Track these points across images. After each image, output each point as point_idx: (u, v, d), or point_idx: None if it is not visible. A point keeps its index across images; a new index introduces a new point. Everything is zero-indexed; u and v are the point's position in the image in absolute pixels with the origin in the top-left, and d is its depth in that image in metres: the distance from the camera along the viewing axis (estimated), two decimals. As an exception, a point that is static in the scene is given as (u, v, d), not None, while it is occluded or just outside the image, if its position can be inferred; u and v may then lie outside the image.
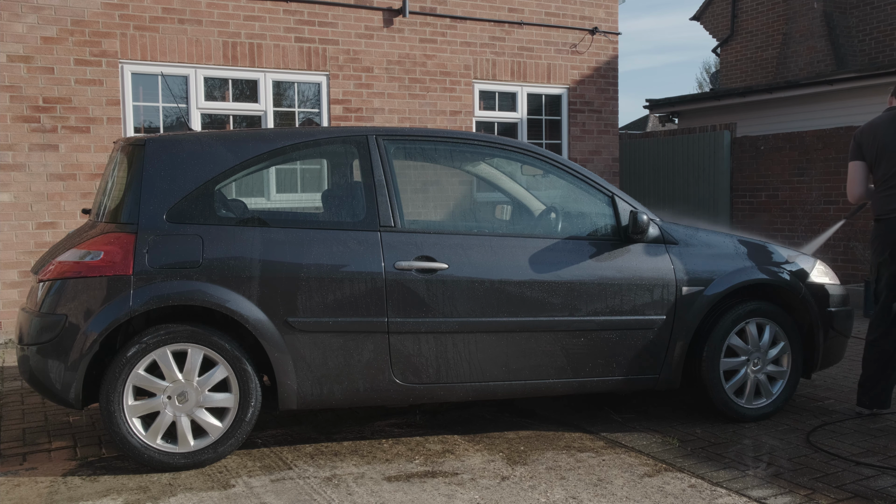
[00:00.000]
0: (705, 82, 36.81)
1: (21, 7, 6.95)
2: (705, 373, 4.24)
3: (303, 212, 4.00)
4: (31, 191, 7.02)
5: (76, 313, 3.53)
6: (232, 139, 4.01)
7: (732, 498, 3.33)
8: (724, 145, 10.74)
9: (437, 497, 3.36)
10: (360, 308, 3.77)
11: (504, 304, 3.94)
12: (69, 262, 3.59)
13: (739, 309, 4.29)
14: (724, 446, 3.99)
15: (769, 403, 4.42)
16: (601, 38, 10.03)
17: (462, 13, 9.09)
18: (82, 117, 7.20)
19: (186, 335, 3.60)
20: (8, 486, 3.53)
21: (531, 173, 4.56)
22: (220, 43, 7.78)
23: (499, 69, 9.37)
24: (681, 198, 11.31)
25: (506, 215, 4.70)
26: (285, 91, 8.29)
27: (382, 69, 8.64)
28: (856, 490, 3.40)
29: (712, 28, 16.86)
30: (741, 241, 4.49)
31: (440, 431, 4.29)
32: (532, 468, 3.70)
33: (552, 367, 4.06)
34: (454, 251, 3.91)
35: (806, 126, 11.06)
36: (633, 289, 4.10)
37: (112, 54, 7.32)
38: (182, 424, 3.63)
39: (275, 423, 4.45)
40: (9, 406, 4.90)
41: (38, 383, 3.63)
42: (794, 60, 14.27)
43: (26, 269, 6.95)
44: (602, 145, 10.11)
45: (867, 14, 13.81)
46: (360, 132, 4.06)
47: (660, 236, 4.23)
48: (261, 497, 3.37)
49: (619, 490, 3.43)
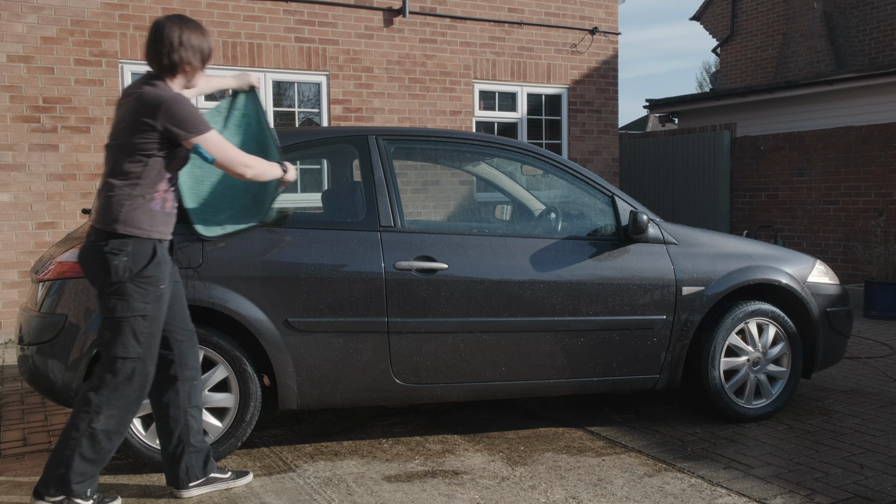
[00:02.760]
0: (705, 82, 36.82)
1: (21, 7, 6.95)
2: (705, 373, 4.24)
3: (303, 212, 4.01)
4: (31, 191, 7.02)
5: (76, 313, 3.53)
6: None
7: (732, 498, 3.33)
8: (724, 145, 10.74)
9: (437, 497, 3.36)
10: (360, 308, 3.77)
11: (504, 304, 3.94)
12: (69, 262, 3.59)
13: (739, 309, 4.29)
14: (724, 446, 3.99)
15: (769, 403, 4.42)
16: (601, 38, 10.03)
17: (462, 13, 9.09)
18: (82, 117, 7.21)
19: (186, 335, 3.60)
20: (8, 486, 3.53)
21: (531, 173, 4.57)
22: (220, 43, 7.78)
23: (499, 69, 9.37)
24: (681, 198, 11.31)
25: (506, 215, 4.70)
26: (285, 91, 8.29)
27: (382, 69, 8.64)
28: (856, 490, 3.40)
29: (712, 28, 16.87)
30: (741, 241, 4.49)
31: (440, 431, 4.29)
32: (532, 468, 3.70)
33: (552, 367, 4.06)
34: (454, 251, 3.91)
35: (806, 126, 11.07)
36: (633, 289, 4.10)
37: (112, 54, 7.32)
38: (182, 424, 3.62)
39: (275, 423, 4.45)
40: (9, 406, 4.90)
41: (38, 383, 3.63)
42: (794, 60, 14.27)
43: (26, 269, 6.95)
44: (602, 145, 10.11)
45: (867, 14, 13.81)
46: (359, 132, 4.06)
47: (660, 236, 4.23)
48: (261, 497, 3.37)
49: (619, 490, 3.43)
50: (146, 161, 3.06)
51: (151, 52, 3.10)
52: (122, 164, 3.06)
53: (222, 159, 3.16)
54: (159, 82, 3.12)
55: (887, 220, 8.82)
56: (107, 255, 3.03)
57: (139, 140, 3.02)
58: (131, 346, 3.07)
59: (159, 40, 3.08)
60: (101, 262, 3.05)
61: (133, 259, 3.05)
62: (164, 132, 3.03)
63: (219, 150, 3.14)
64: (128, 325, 3.06)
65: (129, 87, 3.17)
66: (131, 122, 3.03)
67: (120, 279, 3.03)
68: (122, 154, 3.06)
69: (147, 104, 3.01)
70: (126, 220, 3.04)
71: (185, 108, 3.03)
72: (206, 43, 3.18)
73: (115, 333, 3.06)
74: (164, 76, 3.14)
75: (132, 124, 3.03)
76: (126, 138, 3.04)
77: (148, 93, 3.04)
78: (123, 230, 3.04)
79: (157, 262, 3.10)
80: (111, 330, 3.08)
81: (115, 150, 3.08)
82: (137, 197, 3.06)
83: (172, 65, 3.11)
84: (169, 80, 3.15)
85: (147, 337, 3.11)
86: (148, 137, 3.02)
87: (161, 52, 3.08)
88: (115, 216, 3.04)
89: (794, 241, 9.89)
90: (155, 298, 3.11)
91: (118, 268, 3.03)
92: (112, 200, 3.05)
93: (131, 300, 3.05)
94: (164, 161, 3.10)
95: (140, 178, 3.07)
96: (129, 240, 3.05)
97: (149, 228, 3.09)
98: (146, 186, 3.08)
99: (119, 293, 3.05)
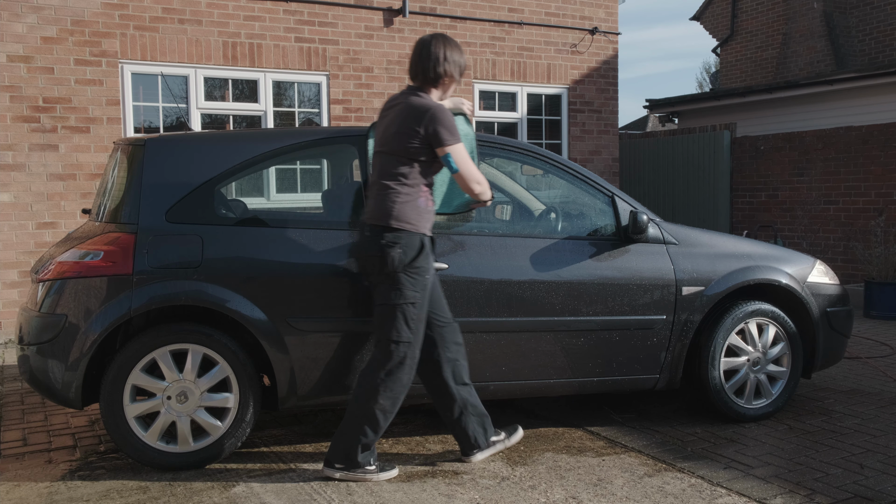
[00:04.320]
0: (705, 82, 36.83)
1: (21, 7, 6.95)
2: (705, 373, 4.24)
3: (303, 212, 4.01)
4: (31, 191, 7.02)
5: (76, 313, 3.53)
6: (231, 139, 4.00)
7: (732, 498, 3.33)
8: (724, 145, 10.74)
9: (437, 497, 3.36)
10: (359, 308, 3.76)
11: (504, 304, 3.94)
12: (69, 262, 3.59)
13: (739, 309, 4.29)
14: (725, 446, 3.99)
15: (769, 403, 4.42)
16: (601, 38, 10.03)
17: (462, 13, 9.09)
18: (82, 117, 7.20)
19: (186, 335, 3.60)
20: (8, 486, 3.53)
21: (531, 173, 4.56)
22: (220, 43, 7.78)
23: (499, 69, 9.37)
24: (681, 198, 11.31)
25: (506, 215, 4.69)
26: (285, 91, 8.29)
27: (382, 69, 8.64)
28: (856, 490, 3.40)
29: (712, 28, 16.86)
30: (741, 241, 4.49)
31: (440, 431, 4.29)
32: (532, 468, 3.70)
33: (552, 367, 4.06)
34: (454, 251, 3.91)
35: (806, 126, 11.06)
36: (633, 289, 4.10)
37: (112, 54, 7.32)
38: (182, 424, 3.62)
39: (275, 423, 4.45)
40: (9, 406, 4.90)
41: (38, 383, 3.63)
42: (793, 60, 14.27)
43: (26, 269, 6.95)
44: (602, 145, 10.11)
45: (867, 14, 13.81)
46: (360, 132, 4.06)
47: (660, 236, 4.23)
48: (261, 497, 3.37)
49: (619, 490, 3.43)
50: (413, 164, 3.46)
51: (418, 66, 3.53)
52: (393, 167, 3.47)
53: (464, 171, 3.48)
54: (422, 93, 3.53)
55: (887, 220, 8.82)
56: (384, 248, 3.40)
57: (408, 144, 3.43)
58: (403, 331, 3.44)
59: (426, 55, 3.52)
60: (379, 254, 3.41)
61: (405, 251, 3.40)
62: (426, 137, 3.41)
63: (464, 162, 3.48)
64: (400, 312, 3.43)
65: (393, 98, 3.59)
66: (399, 127, 3.44)
67: (395, 269, 3.40)
68: (393, 158, 3.47)
69: (415, 111, 3.43)
70: (399, 216, 3.42)
71: (448, 118, 3.44)
72: (463, 59, 3.61)
73: (390, 320, 3.44)
74: (427, 88, 3.56)
75: (401, 129, 3.44)
76: (396, 143, 3.45)
77: (416, 101, 3.47)
78: (397, 225, 3.42)
79: (425, 255, 3.47)
80: (386, 316, 3.45)
81: (386, 155, 3.49)
82: (407, 195, 3.45)
83: (437, 77, 3.53)
84: (430, 92, 3.56)
85: (416, 323, 3.48)
86: (415, 142, 3.42)
87: (427, 66, 3.51)
88: (389, 212, 3.42)
89: (794, 241, 9.89)
90: (422, 287, 3.48)
91: (394, 259, 3.39)
92: (386, 199, 3.44)
93: (404, 289, 3.42)
94: (427, 164, 3.50)
95: (408, 179, 3.47)
96: (402, 233, 3.42)
97: (417, 224, 3.46)
98: (414, 186, 3.48)
99: (393, 282, 3.42)
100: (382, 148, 3.52)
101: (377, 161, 3.55)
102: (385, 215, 3.42)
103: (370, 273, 3.49)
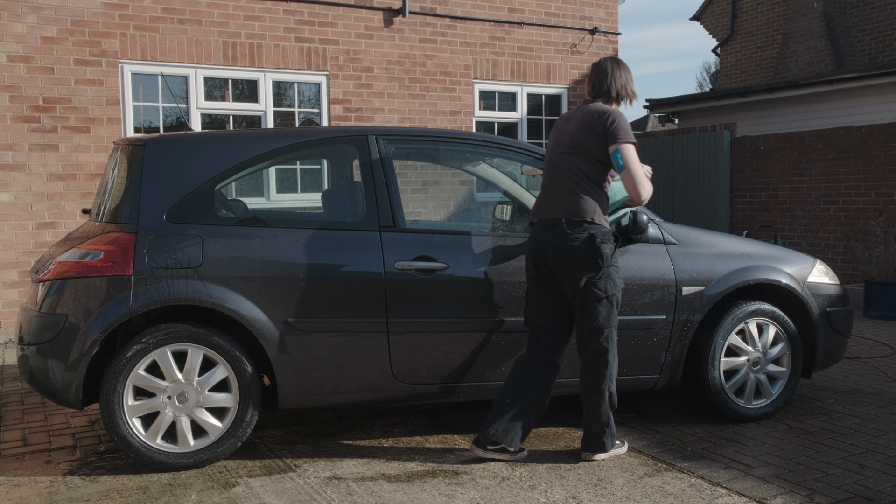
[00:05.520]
0: (705, 82, 36.83)
1: (21, 7, 6.95)
2: (705, 373, 4.24)
3: (303, 212, 4.02)
4: (31, 191, 7.02)
5: (76, 313, 3.53)
6: (232, 139, 4.01)
7: (732, 498, 3.33)
8: (724, 145, 10.74)
9: (437, 497, 3.36)
10: (359, 308, 3.77)
11: (504, 304, 3.94)
12: (69, 262, 3.59)
13: (739, 309, 4.29)
14: (725, 446, 3.99)
15: (769, 403, 4.41)
16: (601, 38, 10.03)
17: (462, 13, 9.09)
18: (82, 117, 7.21)
19: (186, 335, 3.60)
20: (8, 486, 3.53)
21: (531, 173, 4.56)
22: (220, 43, 7.78)
23: (499, 69, 9.37)
24: (681, 198, 11.31)
25: (506, 215, 4.69)
26: (285, 91, 8.29)
27: (382, 69, 8.64)
28: (856, 490, 3.40)
29: (712, 28, 16.87)
30: (741, 241, 4.49)
31: (440, 431, 4.29)
32: (532, 468, 3.70)
33: (552, 367, 4.05)
34: (454, 251, 3.91)
35: (806, 126, 11.06)
36: (633, 289, 4.10)
37: (112, 54, 7.32)
38: (182, 424, 3.62)
39: (275, 423, 4.45)
40: (9, 406, 4.90)
41: (38, 383, 3.63)
42: (793, 60, 14.27)
43: (26, 269, 6.95)
44: (602, 145, 10.10)
45: (867, 14, 13.81)
46: (359, 132, 4.06)
47: (660, 236, 4.23)
48: (261, 497, 3.37)
49: (619, 490, 3.43)
50: (598, 164, 3.67)
51: (597, 84, 3.81)
52: (583, 167, 3.67)
53: (631, 170, 3.60)
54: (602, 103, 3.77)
55: (887, 220, 8.82)
56: (599, 245, 3.59)
57: (593, 145, 3.64)
58: (614, 318, 3.69)
59: (603, 74, 3.82)
60: (592, 251, 3.60)
61: (612, 246, 3.66)
62: (604, 135, 3.61)
63: (632, 162, 3.61)
64: (615, 301, 3.67)
65: (573, 110, 3.84)
66: (584, 129, 3.66)
67: (610, 263, 3.62)
68: (582, 158, 3.67)
69: (597, 113, 3.67)
70: (598, 214, 3.64)
71: (624, 119, 3.65)
72: (631, 76, 3.87)
73: (607, 309, 3.65)
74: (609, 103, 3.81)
75: (586, 132, 3.66)
76: (583, 145, 3.66)
77: (597, 106, 3.73)
78: (599, 221, 3.63)
79: (616, 248, 3.73)
80: (603, 307, 3.64)
81: (573, 156, 3.69)
82: (598, 194, 3.68)
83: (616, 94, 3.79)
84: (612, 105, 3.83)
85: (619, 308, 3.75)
86: (599, 143, 3.63)
87: (603, 83, 3.79)
88: (591, 210, 3.63)
89: (794, 241, 9.89)
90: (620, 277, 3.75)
91: (607, 254, 3.61)
92: (583, 198, 3.64)
93: (615, 279, 3.66)
94: (608, 165, 3.69)
95: (594, 179, 3.68)
96: (605, 230, 3.65)
97: (606, 220, 3.70)
98: (601, 185, 3.71)
99: (607, 275, 3.63)
100: (570, 150, 3.70)
101: (565, 162, 3.70)
102: (588, 213, 3.61)
103: (576, 270, 3.59)
